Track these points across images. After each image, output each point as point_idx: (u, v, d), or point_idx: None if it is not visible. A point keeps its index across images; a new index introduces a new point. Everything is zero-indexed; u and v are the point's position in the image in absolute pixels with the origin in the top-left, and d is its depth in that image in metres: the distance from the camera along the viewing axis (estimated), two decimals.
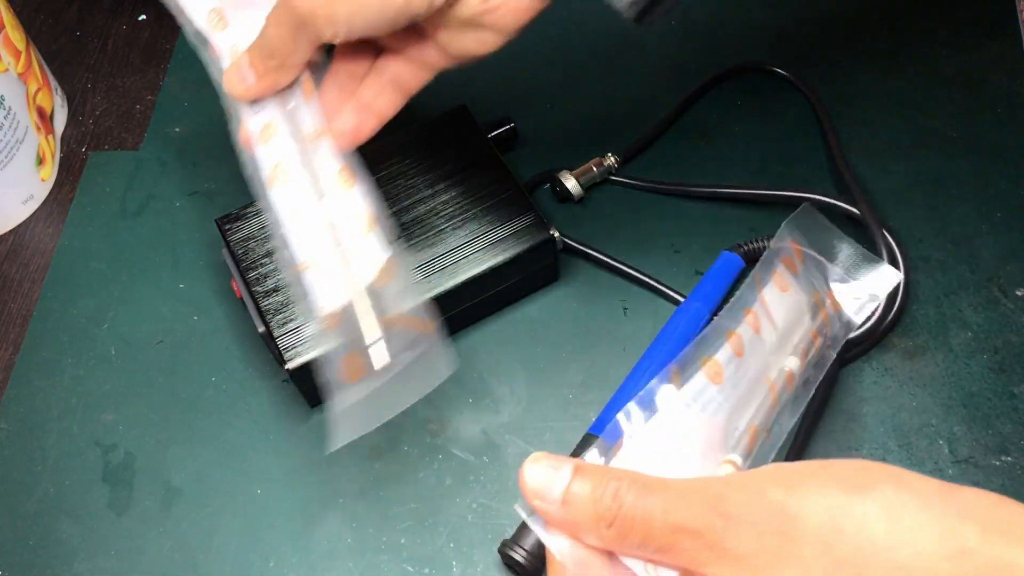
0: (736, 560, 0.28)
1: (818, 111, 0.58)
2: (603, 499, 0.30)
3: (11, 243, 0.59)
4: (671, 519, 0.29)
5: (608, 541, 0.30)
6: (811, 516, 0.28)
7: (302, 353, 0.47)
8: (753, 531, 0.28)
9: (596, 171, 0.56)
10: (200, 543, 0.47)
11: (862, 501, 0.27)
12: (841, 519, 0.27)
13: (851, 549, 0.27)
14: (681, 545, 0.29)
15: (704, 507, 0.29)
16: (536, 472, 0.31)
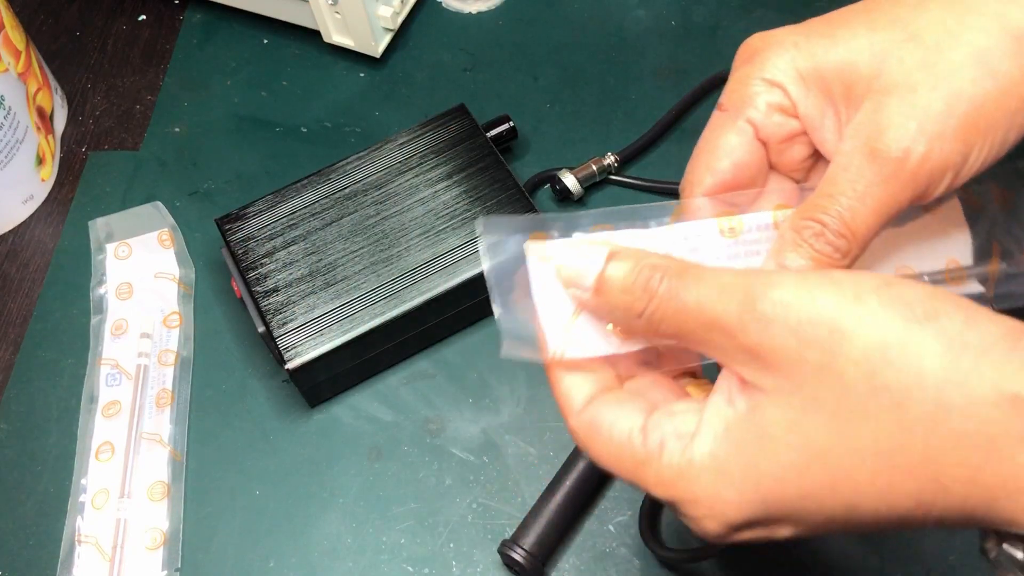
0: (771, 367, 0.27)
1: None
2: (635, 288, 0.29)
3: (11, 243, 0.59)
4: (705, 315, 0.27)
5: (639, 331, 0.29)
6: (862, 337, 0.26)
7: (302, 353, 0.47)
8: (794, 340, 0.26)
9: (596, 171, 0.56)
10: (200, 543, 0.47)
11: (921, 332, 0.26)
12: (895, 347, 0.25)
13: (896, 379, 0.25)
14: (714, 341, 0.27)
15: (743, 305, 0.27)
16: (571, 256, 0.30)
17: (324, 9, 0.60)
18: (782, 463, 0.27)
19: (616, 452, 0.30)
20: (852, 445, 0.26)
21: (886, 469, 0.26)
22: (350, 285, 0.49)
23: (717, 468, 0.27)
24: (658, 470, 0.28)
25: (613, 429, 0.30)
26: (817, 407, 0.26)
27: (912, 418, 0.25)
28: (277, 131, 0.62)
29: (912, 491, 0.26)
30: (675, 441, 0.28)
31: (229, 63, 0.65)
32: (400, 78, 0.63)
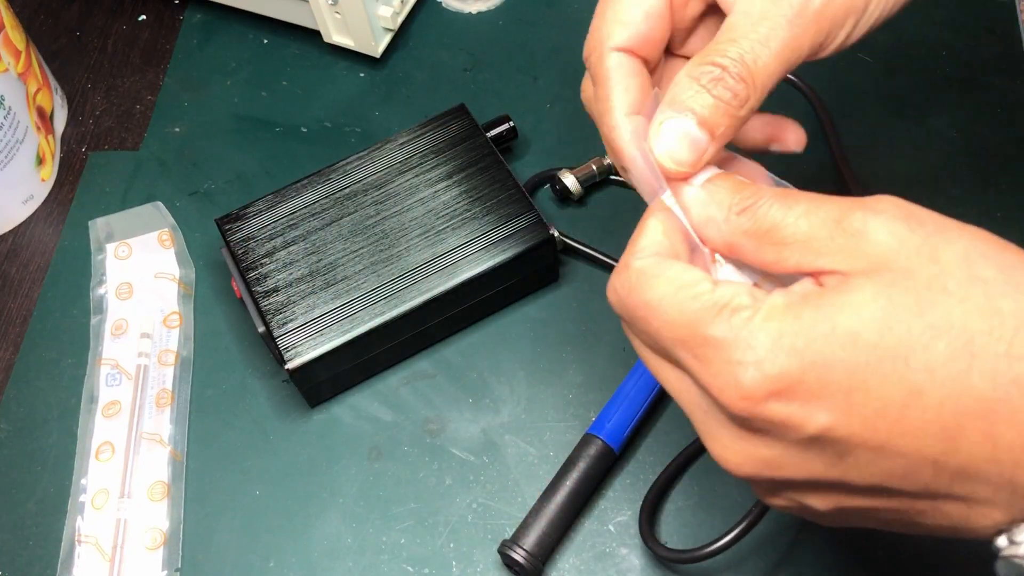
0: (871, 246, 0.26)
1: (818, 111, 0.58)
2: (743, 191, 0.28)
3: (11, 243, 0.59)
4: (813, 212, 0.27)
5: (732, 227, 0.28)
6: (964, 238, 0.26)
7: (302, 353, 0.47)
8: (900, 224, 0.26)
9: (596, 170, 0.56)
10: (200, 543, 0.47)
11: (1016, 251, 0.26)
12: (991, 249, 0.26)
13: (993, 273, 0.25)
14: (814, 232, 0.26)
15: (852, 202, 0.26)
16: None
17: (324, 9, 0.60)
18: (862, 321, 0.25)
19: (676, 291, 0.27)
20: (938, 317, 0.24)
21: (967, 352, 0.24)
22: (350, 285, 0.49)
23: (788, 319, 0.25)
24: (721, 314, 0.26)
25: (684, 274, 0.28)
26: (910, 278, 0.25)
27: (1004, 310, 0.24)
28: (277, 131, 0.62)
29: (986, 390, 0.24)
30: (747, 297, 0.26)
31: (229, 63, 0.65)
32: (400, 78, 0.63)
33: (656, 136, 0.30)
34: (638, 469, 0.48)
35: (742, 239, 0.28)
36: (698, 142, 0.30)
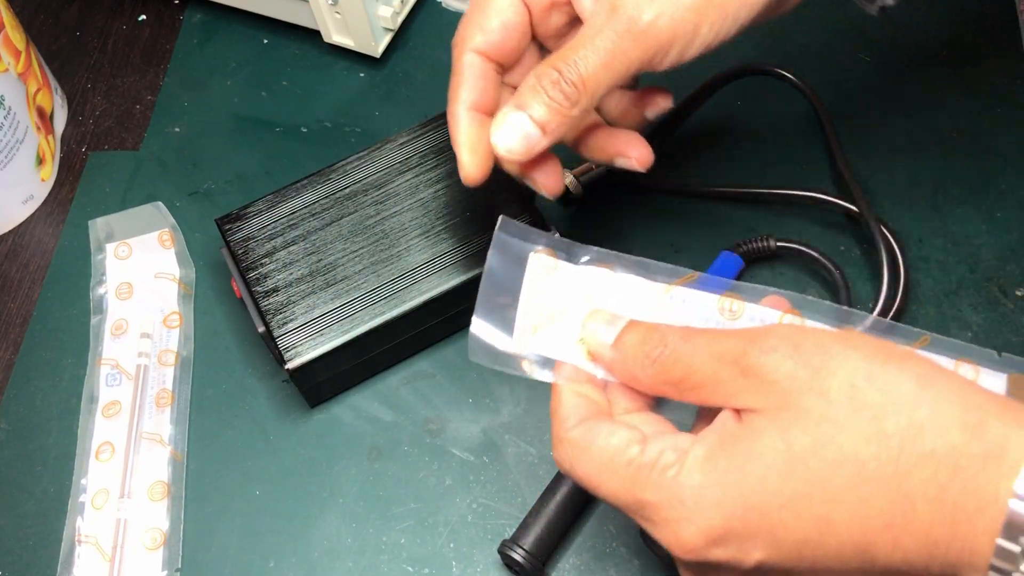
0: (767, 386, 0.29)
1: (818, 111, 0.58)
2: (650, 340, 0.32)
3: (11, 243, 0.59)
4: (714, 349, 0.30)
5: (651, 378, 0.32)
6: (848, 362, 0.28)
7: (302, 353, 0.47)
8: (788, 362, 0.29)
9: (596, 170, 0.56)
10: (200, 543, 0.47)
11: (898, 364, 0.28)
12: (874, 370, 0.28)
13: (875, 397, 0.28)
14: (719, 375, 0.30)
15: (746, 339, 0.30)
16: (595, 322, 0.34)
17: (324, 9, 0.60)
18: (767, 467, 0.28)
19: (609, 460, 0.31)
20: (832, 453, 0.27)
21: (861, 480, 0.27)
22: (350, 285, 0.49)
23: (707, 471, 0.29)
24: (651, 475, 0.30)
25: (611, 439, 0.31)
26: (803, 418, 0.28)
27: (888, 431, 0.27)
28: (277, 131, 0.62)
29: (884, 508, 0.27)
30: (672, 452, 0.30)
31: (229, 63, 0.65)
32: (400, 78, 0.63)
33: (497, 128, 0.37)
34: None
35: (664, 388, 0.32)
36: (531, 137, 0.36)
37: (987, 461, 0.26)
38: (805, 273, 0.53)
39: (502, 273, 0.36)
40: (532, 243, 0.36)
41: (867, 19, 0.63)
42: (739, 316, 0.34)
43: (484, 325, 0.35)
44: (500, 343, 0.35)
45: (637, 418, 0.34)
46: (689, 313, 0.35)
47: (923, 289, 0.52)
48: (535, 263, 0.36)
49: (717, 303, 0.34)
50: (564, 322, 0.35)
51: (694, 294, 0.35)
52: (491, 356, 0.35)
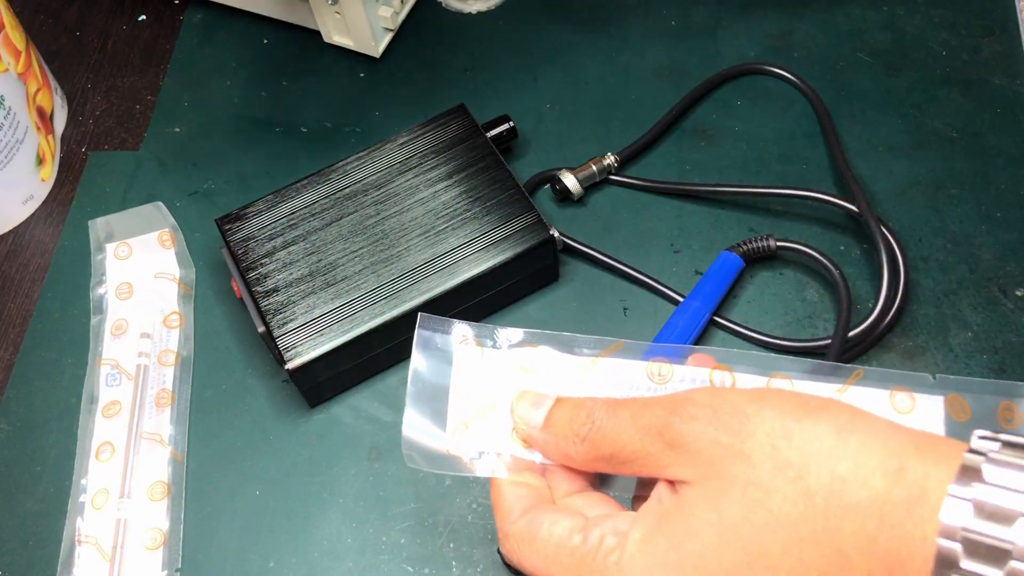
0: (692, 456, 0.29)
1: (818, 111, 0.58)
2: (578, 417, 0.33)
3: (11, 243, 0.59)
4: (639, 423, 0.31)
5: (582, 456, 0.32)
6: (765, 421, 0.29)
7: (302, 353, 0.47)
8: (709, 428, 0.29)
9: (596, 170, 0.56)
10: (200, 543, 0.47)
11: (815, 418, 0.29)
12: (792, 428, 0.28)
13: (795, 455, 0.28)
14: (647, 449, 0.30)
15: (667, 408, 0.30)
16: (522, 404, 0.34)
17: (324, 9, 0.60)
18: (704, 543, 0.28)
19: (554, 551, 0.31)
20: (762, 518, 0.28)
21: (795, 541, 0.27)
22: (350, 285, 0.49)
23: (648, 554, 0.29)
24: (595, 563, 0.30)
25: (553, 528, 0.32)
26: (731, 486, 0.28)
27: (812, 489, 0.27)
28: (277, 131, 0.62)
29: (820, 566, 0.27)
30: (612, 537, 0.30)
31: (229, 63, 0.65)
32: (400, 78, 0.63)
33: None
34: None
35: (597, 464, 0.32)
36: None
37: (910, 506, 0.26)
38: (805, 273, 0.53)
39: (428, 371, 0.36)
40: (453, 335, 0.36)
41: (867, 19, 0.63)
42: (668, 379, 0.34)
43: (415, 427, 0.35)
44: (434, 443, 0.35)
45: (580, 500, 0.34)
46: (618, 383, 0.35)
47: (923, 289, 0.52)
48: (460, 355, 0.36)
49: (645, 369, 0.34)
50: (496, 412, 0.35)
51: (621, 363, 0.35)
52: (427, 458, 0.35)
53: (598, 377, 0.35)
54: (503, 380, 0.36)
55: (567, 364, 0.35)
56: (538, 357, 0.36)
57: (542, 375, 0.35)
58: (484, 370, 0.36)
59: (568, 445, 0.33)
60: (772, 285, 0.53)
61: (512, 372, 0.36)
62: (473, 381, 0.36)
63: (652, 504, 0.31)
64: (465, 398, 0.35)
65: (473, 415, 0.35)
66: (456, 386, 0.36)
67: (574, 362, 0.35)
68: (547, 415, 0.34)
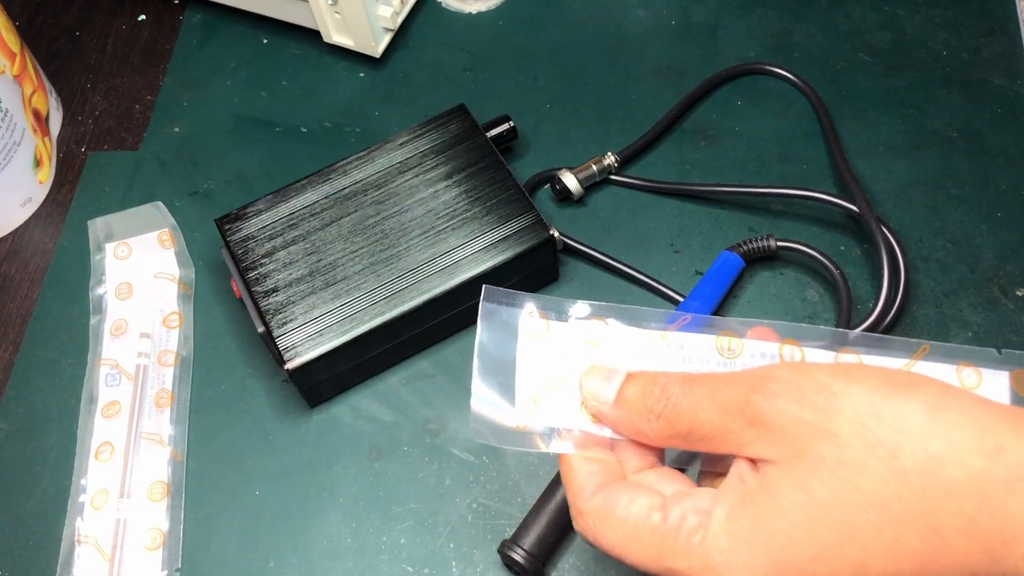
0: (776, 435, 0.28)
1: (818, 111, 0.58)
2: (652, 394, 0.31)
3: (11, 243, 0.59)
4: (717, 400, 0.30)
5: (656, 433, 0.31)
6: (853, 398, 0.28)
7: (302, 353, 0.47)
8: (793, 406, 0.28)
9: (596, 170, 0.56)
10: (200, 543, 0.47)
11: (905, 395, 0.28)
12: (881, 406, 0.28)
13: (887, 433, 0.27)
14: (727, 426, 0.29)
15: (747, 385, 0.29)
16: (592, 380, 0.33)
17: (324, 9, 0.60)
18: (792, 523, 0.28)
19: (633, 529, 0.30)
20: (853, 498, 0.27)
21: (888, 522, 0.27)
22: (350, 285, 0.49)
23: (733, 534, 0.28)
24: (677, 542, 0.29)
25: (631, 507, 0.31)
26: (819, 466, 0.28)
27: (906, 468, 0.27)
28: (277, 131, 0.62)
29: (916, 547, 0.27)
30: (694, 516, 0.30)
31: (229, 63, 0.65)
32: (400, 78, 0.63)
33: None
34: None
35: (671, 441, 0.32)
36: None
37: (1012, 485, 0.26)
38: (805, 273, 0.53)
39: (494, 344, 0.35)
40: (519, 307, 0.35)
41: (867, 19, 0.63)
42: (739, 354, 0.33)
43: (484, 402, 0.34)
44: (503, 418, 0.34)
45: (652, 476, 0.33)
46: (688, 357, 0.34)
47: (923, 289, 0.52)
48: (526, 328, 0.35)
49: (715, 343, 0.34)
50: (564, 387, 0.35)
51: (691, 337, 0.34)
52: (496, 434, 0.34)
53: (668, 352, 0.34)
54: (570, 354, 0.35)
55: (636, 338, 0.34)
56: (606, 331, 0.35)
57: (610, 349, 0.35)
58: (551, 344, 0.35)
59: (641, 421, 0.32)
60: (772, 285, 0.53)
61: (580, 346, 0.35)
62: (540, 355, 0.35)
63: (733, 482, 0.30)
64: (532, 373, 0.35)
65: (541, 390, 0.34)
66: (523, 360, 0.35)
67: (643, 336, 0.34)
68: (618, 390, 0.33)
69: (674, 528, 0.30)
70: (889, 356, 0.32)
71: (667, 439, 0.31)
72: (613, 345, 0.35)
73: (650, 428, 0.31)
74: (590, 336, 0.35)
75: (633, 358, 0.34)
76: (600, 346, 0.35)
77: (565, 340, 0.35)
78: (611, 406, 0.33)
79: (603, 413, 0.33)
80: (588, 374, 0.34)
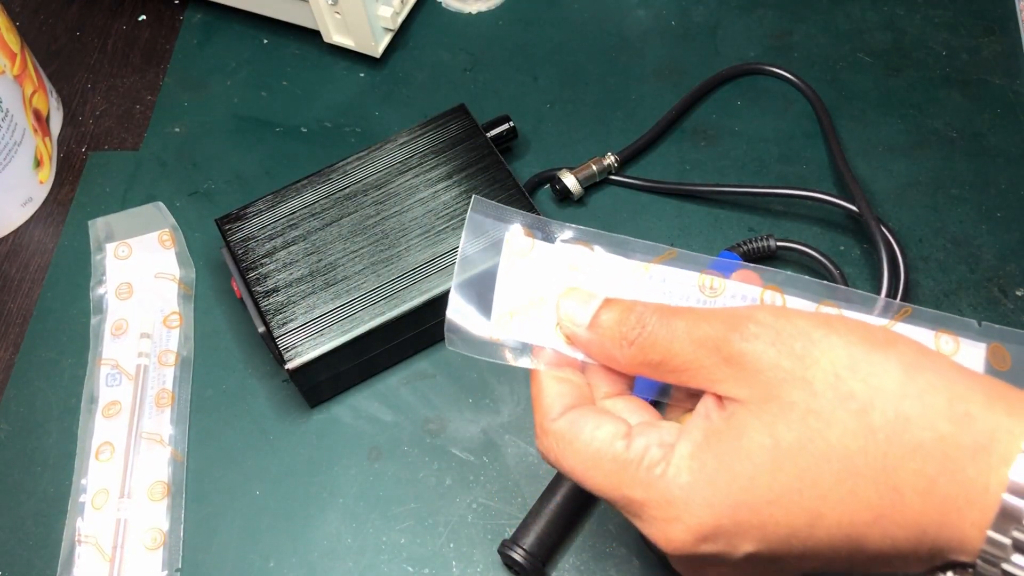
0: (749, 376, 0.28)
1: (818, 111, 0.58)
2: (628, 321, 0.31)
3: (11, 243, 0.59)
4: (694, 334, 0.30)
5: (628, 360, 0.31)
6: (831, 349, 0.28)
7: (302, 353, 0.47)
8: (771, 350, 0.28)
9: (596, 170, 0.56)
10: (200, 543, 0.47)
11: (883, 352, 0.28)
12: (859, 359, 0.28)
13: (860, 387, 0.27)
14: (700, 361, 0.29)
15: (727, 324, 0.29)
16: (569, 301, 0.33)
17: (324, 9, 0.60)
18: (755, 465, 0.28)
19: (595, 455, 0.31)
20: (819, 448, 0.27)
21: (849, 474, 0.27)
22: (350, 285, 0.49)
23: (695, 470, 0.29)
24: (638, 472, 0.30)
25: (596, 432, 0.31)
26: (789, 412, 0.28)
27: (875, 424, 0.27)
28: (277, 131, 0.62)
29: (873, 501, 0.27)
30: (657, 448, 0.30)
31: (229, 63, 0.65)
32: (400, 78, 0.63)
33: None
34: None
35: (642, 369, 0.31)
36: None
37: (976, 453, 0.26)
38: (805, 273, 0.53)
39: (477, 255, 0.35)
40: (507, 222, 0.35)
41: (867, 19, 0.63)
42: (720, 293, 0.33)
43: (460, 311, 0.34)
44: (477, 328, 0.34)
45: (620, 403, 0.33)
46: (669, 291, 0.34)
47: (923, 289, 0.52)
48: (511, 243, 0.35)
49: (697, 280, 0.34)
50: (542, 306, 0.34)
51: (674, 272, 0.34)
52: (468, 343, 0.34)
53: (649, 283, 0.34)
54: (552, 275, 0.35)
55: (619, 266, 0.34)
56: (590, 257, 0.35)
57: (592, 274, 0.34)
58: (534, 262, 0.35)
59: (615, 347, 0.31)
60: None
61: (562, 268, 0.35)
62: (522, 272, 0.35)
63: (699, 419, 0.30)
64: (512, 288, 0.35)
65: (519, 306, 0.34)
66: (504, 275, 0.35)
67: (627, 265, 0.34)
68: (594, 315, 0.32)
69: (636, 458, 0.30)
70: (870, 315, 0.32)
71: (638, 367, 0.31)
72: (596, 271, 0.35)
73: (622, 355, 0.31)
74: (573, 260, 0.35)
75: (614, 286, 0.34)
76: (582, 271, 0.35)
77: (548, 261, 0.35)
78: (586, 328, 0.32)
79: (577, 335, 0.33)
80: (566, 296, 0.33)
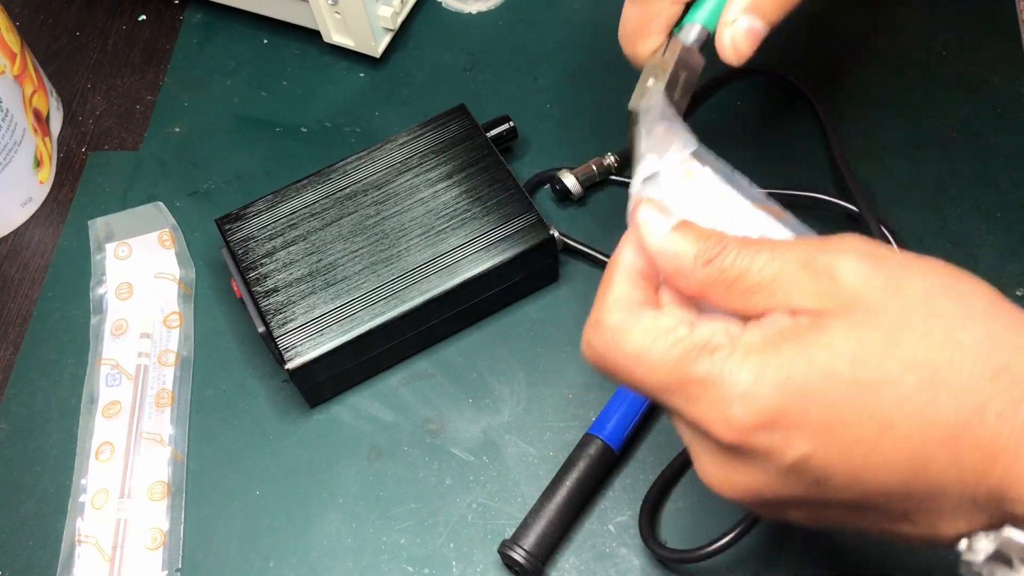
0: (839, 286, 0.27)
1: (818, 111, 0.58)
2: (706, 240, 0.30)
3: (11, 243, 0.59)
4: (776, 251, 0.28)
5: (701, 278, 0.29)
6: (923, 273, 0.28)
7: (302, 353, 0.47)
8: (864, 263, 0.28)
9: (596, 170, 0.56)
10: (200, 543, 0.47)
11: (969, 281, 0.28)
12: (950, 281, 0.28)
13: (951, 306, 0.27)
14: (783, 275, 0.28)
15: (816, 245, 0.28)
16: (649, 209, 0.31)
17: (324, 9, 0.60)
18: (835, 355, 0.26)
19: (654, 340, 0.29)
20: (906, 354, 0.26)
21: (932, 383, 0.26)
22: (350, 285, 0.49)
23: (768, 353, 0.27)
24: (702, 352, 0.28)
25: (657, 321, 0.29)
26: (877, 317, 0.27)
27: (964, 342, 0.26)
28: (277, 131, 0.62)
29: (950, 417, 0.26)
30: (724, 335, 0.28)
31: (229, 63, 0.65)
32: (400, 78, 0.63)
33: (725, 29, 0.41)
34: (638, 469, 0.48)
35: (710, 289, 0.29)
36: (758, 32, 0.40)
37: None
38: None
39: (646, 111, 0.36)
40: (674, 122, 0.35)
41: (867, 19, 0.63)
42: None
43: None
44: None
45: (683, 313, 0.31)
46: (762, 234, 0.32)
47: None
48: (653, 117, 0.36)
49: None
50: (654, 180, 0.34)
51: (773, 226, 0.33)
52: None
53: (746, 216, 0.33)
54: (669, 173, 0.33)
55: (725, 196, 0.33)
56: (704, 176, 0.33)
57: (698, 192, 0.33)
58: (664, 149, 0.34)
59: (686, 261, 0.30)
60: None
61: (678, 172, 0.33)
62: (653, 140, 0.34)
63: (775, 316, 0.28)
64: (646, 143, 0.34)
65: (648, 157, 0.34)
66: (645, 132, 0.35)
67: (733, 198, 0.33)
68: (675, 226, 0.30)
69: (700, 342, 0.28)
70: None
71: (708, 286, 0.29)
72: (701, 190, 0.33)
73: (694, 270, 0.29)
74: (690, 168, 0.34)
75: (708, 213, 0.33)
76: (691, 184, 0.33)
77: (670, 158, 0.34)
78: (663, 236, 0.30)
79: (651, 240, 0.31)
80: (647, 203, 0.31)
